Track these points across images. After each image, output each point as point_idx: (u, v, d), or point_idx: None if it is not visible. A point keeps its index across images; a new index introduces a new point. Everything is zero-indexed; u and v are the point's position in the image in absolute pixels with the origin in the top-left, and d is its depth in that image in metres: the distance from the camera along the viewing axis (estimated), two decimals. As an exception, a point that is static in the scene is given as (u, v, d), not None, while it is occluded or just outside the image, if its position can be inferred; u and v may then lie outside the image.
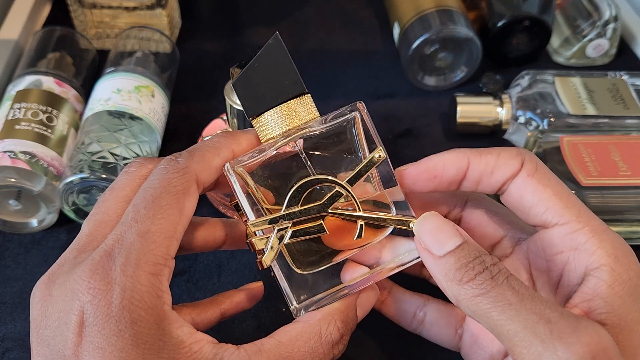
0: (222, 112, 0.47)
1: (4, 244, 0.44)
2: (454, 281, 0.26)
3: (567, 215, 0.28)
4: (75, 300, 0.24)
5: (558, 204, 0.28)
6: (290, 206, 0.28)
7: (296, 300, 0.29)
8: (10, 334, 0.39)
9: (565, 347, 0.23)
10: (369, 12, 0.66)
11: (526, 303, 0.24)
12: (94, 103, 0.46)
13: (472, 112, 0.52)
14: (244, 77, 0.29)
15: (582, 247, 0.28)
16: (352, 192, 0.28)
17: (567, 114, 0.49)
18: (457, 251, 0.26)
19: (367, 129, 0.30)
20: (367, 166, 0.29)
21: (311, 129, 0.29)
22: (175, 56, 0.54)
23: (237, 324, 0.40)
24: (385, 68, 0.60)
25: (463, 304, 0.26)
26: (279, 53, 0.29)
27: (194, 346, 0.25)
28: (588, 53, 0.59)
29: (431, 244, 0.27)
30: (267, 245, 0.28)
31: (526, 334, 0.24)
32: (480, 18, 0.58)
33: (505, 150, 0.30)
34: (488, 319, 0.25)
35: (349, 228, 0.29)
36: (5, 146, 0.42)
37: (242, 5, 0.66)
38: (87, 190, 0.42)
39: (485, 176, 0.30)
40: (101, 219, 0.28)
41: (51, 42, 0.51)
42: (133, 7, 0.56)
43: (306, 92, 0.29)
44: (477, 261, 0.26)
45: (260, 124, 0.29)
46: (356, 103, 0.29)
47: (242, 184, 0.28)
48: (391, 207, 0.30)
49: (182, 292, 0.41)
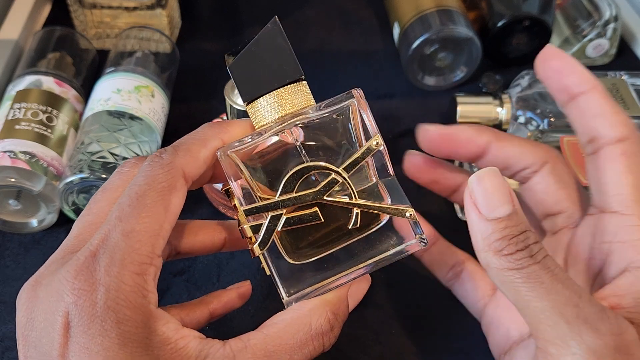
0: (222, 112, 0.47)
1: (4, 244, 0.44)
2: (492, 249, 0.25)
3: (634, 208, 0.28)
4: (60, 302, 0.24)
5: (632, 194, 0.28)
6: (284, 193, 0.27)
7: (287, 291, 0.28)
8: (10, 333, 0.39)
9: (590, 332, 0.24)
10: (369, 12, 0.66)
11: (557, 284, 0.25)
12: (94, 103, 0.46)
13: (472, 112, 0.51)
14: (241, 61, 0.28)
15: (633, 242, 0.27)
16: (348, 179, 0.28)
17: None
18: (505, 220, 0.25)
19: (364, 116, 0.29)
20: (364, 154, 0.28)
21: (306, 115, 0.28)
22: (175, 56, 0.54)
23: (236, 324, 0.40)
24: (385, 68, 0.60)
25: (493, 272, 0.26)
26: (277, 37, 0.28)
27: (179, 342, 0.25)
28: (588, 53, 0.59)
29: (482, 202, 0.26)
30: (259, 232, 0.27)
31: (553, 313, 0.24)
32: (480, 18, 0.58)
33: (528, 143, 0.32)
34: (516, 292, 0.25)
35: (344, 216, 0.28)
36: (5, 146, 0.42)
37: (242, 5, 0.66)
38: (87, 190, 0.42)
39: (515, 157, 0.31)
40: (91, 220, 0.27)
41: (51, 42, 0.51)
42: (133, 7, 0.56)
43: (303, 79, 0.29)
44: (521, 237, 0.25)
45: (255, 109, 0.29)
46: (352, 90, 0.29)
47: (235, 169, 0.28)
48: (386, 197, 0.29)
49: (182, 292, 0.41)
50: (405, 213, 0.29)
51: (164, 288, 0.42)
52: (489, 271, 0.26)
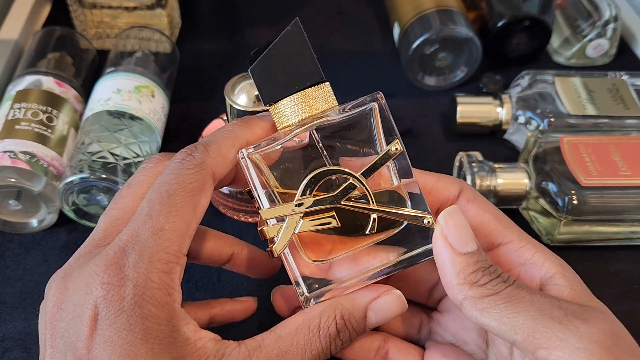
0: (222, 112, 0.47)
1: (4, 244, 0.44)
2: (467, 281, 0.26)
3: (509, 235, 0.30)
4: (89, 295, 0.25)
5: (499, 225, 0.30)
6: (303, 196, 0.28)
7: (306, 290, 0.29)
8: (10, 333, 0.39)
9: (583, 323, 0.25)
10: (369, 12, 0.66)
11: (536, 296, 0.26)
12: (94, 103, 0.46)
13: (472, 112, 0.51)
14: (262, 63, 0.28)
15: (529, 261, 0.29)
16: (366, 185, 0.28)
17: (567, 114, 0.49)
18: (476, 254, 0.27)
19: (386, 120, 0.29)
20: (383, 159, 0.28)
21: (328, 118, 0.28)
22: (175, 56, 0.54)
23: (237, 323, 0.40)
24: (385, 68, 0.60)
25: (470, 303, 0.26)
26: (298, 40, 0.28)
27: (197, 343, 0.26)
28: (588, 53, 0.59)
29: (454, 239, 0.27)
30: (278, 234, 0.28)
31: (543, 318, 0.25)
32: (480, 18, 0.58)
33: (444, 176, 0.32)
34: (498, 315, 0.26)
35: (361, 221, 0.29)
36: (5, 146, 0.42)
37: (242, 5, 0.66)
38: (87, 190, 0.42)
39: (423, 194, 0.30)
40: (117, 215, 0.28)
41: (51, 42, 0.51)
42: (133, 7, 0.56)
43: (325, 80, 0.29)
44: (491, 268, 0.27)
45: (277, 111, 0.29)
46: (375, 93, 0.29)
47: (257, 171, 0.28)
48: (407, 201, 0.29)
49: (182, 292, 0.41)
50: (423, 220, 0.29)
51: (164, 288, 0.42)
52: (465, 305, 0.27)
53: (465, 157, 0.46)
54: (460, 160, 0.47)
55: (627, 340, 0.25)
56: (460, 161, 0.47)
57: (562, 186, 0.42)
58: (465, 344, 0.32)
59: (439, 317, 0.34)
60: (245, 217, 0.45)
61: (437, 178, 0.31)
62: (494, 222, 0.30)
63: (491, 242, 0.30)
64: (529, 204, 0.45)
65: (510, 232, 0.30)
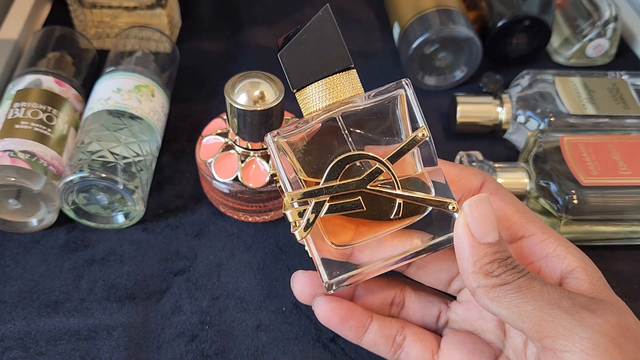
0: (222, 111, 0.47)
1: (4, 244, 0.44)
2: (483, 271, 0.27)
3: (532, 227, 0.30)
4: None
5: (522, 218, 0.31)
6: (328, 180, 0.28)
7: (328, 275, 0.29)
8: (9, 333, 0.39)
9: (589, 314, 0.25)
10: (369, 12, 0.66)
11: (547, 286, 0.26)
12: (94, 102, 0.46)
13: (472, 112, 0.52)
14: (291, 49, 0.29)
15: (552, 254, 0.29)
16: (392, 170, 0.28)
17: (567, 114, 0.49)
18: (496, 245, 0.27)
19: (412, 107, 0.29)
20: (409, 144, 0.28)
21: (354, 104, 0.28)
22: (175, 56, 0.54)
23: (237, 324, 0.40)
24: (385, 68, 0.60)
25: (483, 291, 0.27)
26: (328, 26, 0.28)
27: None
28: (588, 53, 0.59)
29: (476, 227, 0.27)
30: (303, 217, 0.28)
31: (551, 307, 0.25)
32: (480, 18, 0.58)
33: (467, 167, 0.32)
34: (509, 304, 0.26)
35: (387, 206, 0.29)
36: (5, 145, 0.42)
37: (242, 5, 0.66)
38: (87, 189, 0.42)
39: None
40: None
41: (51, 41, 0.51)
42: (133, 7, 0.56)
43: (352, 67, 0.29)
44: (508, 260, 0.27)
45: (303, 96, 0.29)
46: (402, 80, 0.29)
47: (282, 155, 0.28)
48: (430, 188, 0.30)
49: (182, 292, 0.41)
50: (448, 206, 0.29)
51: (164, 288, 0.42)
52: (478, 292, 0.27)
53: (465, 157, 0.46)
54: (461, 160, 0.47)
55: (636, 333, 0.26)
56: (460, 161, 0.47)
57: (563, 186, 0.42)
58: (483, 332, 0.33)
59: (458, 307, 0.34)
60: (245, 216, 0.45)
61: (460, 169, 0.32)
62: (517, 214, 0.31)
63: (514, 235, 0.31)
64: (529, 204, 0.45)
65: (533, 225, 0.30)
